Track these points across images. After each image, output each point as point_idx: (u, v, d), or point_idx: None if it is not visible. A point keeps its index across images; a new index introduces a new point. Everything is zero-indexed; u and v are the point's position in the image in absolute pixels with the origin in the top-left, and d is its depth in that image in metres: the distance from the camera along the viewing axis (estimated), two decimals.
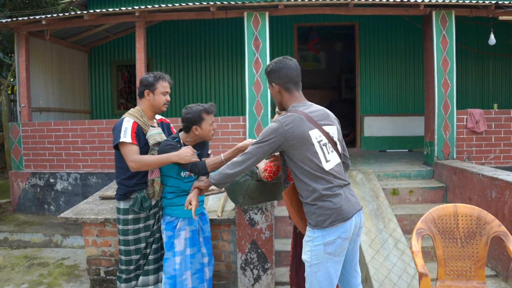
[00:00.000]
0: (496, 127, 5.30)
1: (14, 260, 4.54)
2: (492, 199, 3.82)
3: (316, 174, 2.01)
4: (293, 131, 1.99)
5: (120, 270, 2.67)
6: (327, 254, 2.01)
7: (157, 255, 2.70)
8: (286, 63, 2.12)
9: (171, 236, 2.58)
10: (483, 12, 5.07)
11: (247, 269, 3.21)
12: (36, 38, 6.10)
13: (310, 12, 5.20)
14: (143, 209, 2.54)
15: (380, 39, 7.34)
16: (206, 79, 7.58)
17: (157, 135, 2.54)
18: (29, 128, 5.69)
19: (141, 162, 2.41)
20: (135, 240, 2.59)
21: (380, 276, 3.22)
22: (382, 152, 7.22)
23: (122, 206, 2.58)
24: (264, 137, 2.03)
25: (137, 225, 2.57)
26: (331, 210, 1.98)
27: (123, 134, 2.41)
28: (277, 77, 2.13)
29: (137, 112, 2.55)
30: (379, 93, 7.38)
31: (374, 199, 4.27)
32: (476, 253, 2.68)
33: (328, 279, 2.04)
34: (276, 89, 2.16)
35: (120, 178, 2.56)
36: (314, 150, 2.01)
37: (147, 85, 2.53)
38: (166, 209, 2.64)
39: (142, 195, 2.53)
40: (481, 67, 7.53)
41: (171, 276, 2.57)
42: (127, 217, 2.56)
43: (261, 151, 2.05)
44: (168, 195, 2.62)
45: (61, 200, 5.70)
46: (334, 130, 2.15)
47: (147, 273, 2.66)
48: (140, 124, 2.50)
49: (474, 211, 2.75)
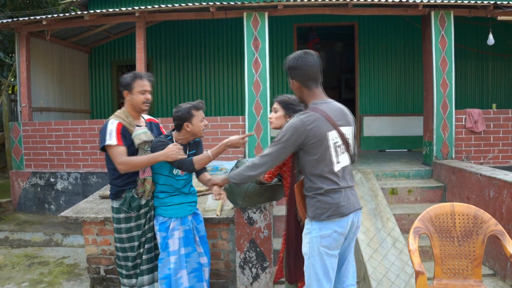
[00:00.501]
0: (494, 127, 5.31)
1: (14, 259, 4.56)
2: (490, 198, 3.84)
3: (324, 175, 2.05)
4: (315, 131, 2.00)
5: (119, 266, 2.69)
6: (323, 247, 2.06)
7: (150, 255, 2.70)
8: (306, 60, 2.06)
9: (165, 236, 2.59)
10: (481, 12, 5.09)
11: (246, 267, 3.22)
12: (36, 38, 6.13)
13: (310, 12, 5.22)
14: (131, 208, 2.56)
15: (380, 39, 7.36)
16: (206, 79, 7.61)
17: (142, 135, 2.54)
18: (29, 128, 5.72)
19: (130, 164, 2.43)
20: (129, 238, 2.61)
21: (378, 275, 3.24)
22: (382, 152, 7.24)
23: (115, 205, 2.61)
24: (286, 135, 2.01)
25: (129, 224, 2.59)
26: (329, 204, 2.04)
27: (108, 137, 2.43)
28: (298, 73, 2.09)
29: (122, 113, 2.57)
30: (378, 93, 7.40)
31: (373, 199, 4.29)
32: (473, 252, 2.69)
33: (325, 272, 2.08)
34: (296, 85, 2.13)
35: (111, 179, 2.59)
36: (329, 151, 2.04)
37: (125, 86, 2.55)
38: (158, 210, 2.64)
39: (130, 195, 2.55)
40: (480, 67, 7.55)
41: (166, 275, 2.58)
42: (119, 216, 2.59)
43: (284, 150, 2.05)
44: (160, 194, 2.63)
45: (62, 199, 5.73)
46: (350, 131, 2.17)
47: (141, 273, 2.67)
48: (125, 124, 2.51)
49: (471, 210, 2.76)
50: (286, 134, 2.02)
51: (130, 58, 7.58)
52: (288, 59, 2.14)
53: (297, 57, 2.09)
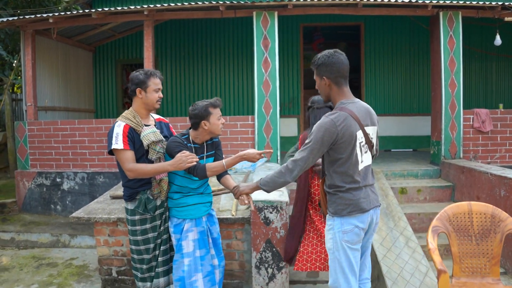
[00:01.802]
0: (502, 126, 5.35)
1: (22, 260, 4.52)
2: (501, 197, 3.86)
3: (349, 173, 2.09)
4: (345, 131, 2.02)
5: (134, 268, 2.64)
6: (345, 242, 2.10)
7: (166, 257, 2.66)
8: (338, 57, 2.10)
9: (179, 238, 2.55)
10: (489, 13, 5.12)
11: (262, 268, 3.21)
12: (41, 36, 6.07)
13: (319, 12, 5.22)
14: (147, 210, 2.51)
15: (385, 39, 7.38)
16: (212, 78, 7.58)
17: (151, 135, 2.46)
18: (35, 127, 5.66)
19: (138, 171, 2.39)
20: (144, 241, 2.56)
21: (393, 274, 3.24)
22: (387, 151, 7.27)
23: (129, 207, 2.55)
24: (318, 136, 2.02)
25: (144, 226, 2.54)
26: (350, 201, 2.09)
27: (114, 140, 2.38)
28: (329, 71, 2.10)
29: (129, 113, 2.50)
30: (384, 93, 7.42)
31: (384, 198, 4.30)
32: (491, 250, 2.70)
33: (350, 266, 2.12)
34: (327, 83, 2.13)
35: (124, 181, 2.54)
36: (355, 151, 2.07)
37: (138, 83, 2.47)
38: (172, 211, 2.60)
39: (145, 197, 2.50)
40: (484, 67, 7.60)
41: (180, 277, 2.54)
42: (134, 218, 2.54)
43: (317, 152, 2.05)
44: (175, 195, 2.58)
45: (68, 199, 5.68)
46: (374, 131, 2.22)
47: (157, 275, 2.63)
48: (132, 126, 2.44)
49: (488, 209, 2.78)
50: (318, 135, 2.03)
51: (135, 57, 7.54)
52: (319, 57, 2.14)
53: (328, 54, 2.11)
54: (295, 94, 7.43)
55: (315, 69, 2.17)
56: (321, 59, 2.12)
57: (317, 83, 2.21)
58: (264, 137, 5.13)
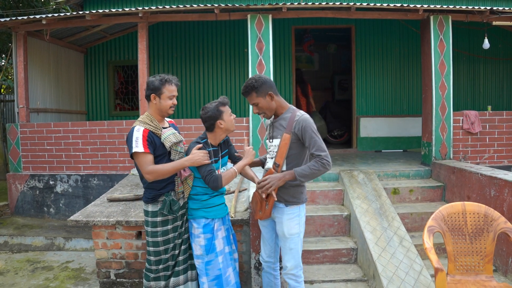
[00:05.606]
0: (490, 128, 5.50)
1: (16, 264, 4.46)
2: (491, 197, 3.97)
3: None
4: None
5: (148, 270, 2.66)
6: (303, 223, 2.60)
7: (186, 255, 2.71)
8: (264, 76, 2.56)
9: (211, 238, 2.58)
10: (478, 17, 5.26)
11: (261, 269, 3.25)
12: (32, 37, 6.00)
13: (312, 15, 5.29)
14: (172, 212, 2.55)
15: (376, 42, 7.49)
16: (205, 80, 7.57)
17: (171, 136, 2.54)
18: (27, 130, 5.59)
19: (157, 172, 2.42)
20: (165, 241, 2.59)
21: (388, 273, 3.32)
22: (378, 152, 7.38)
23: (150, 209, 2.57)
24: (315, 127, 2.49)
25: (166, 227, 2.57)
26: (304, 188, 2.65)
27: (134, 144, 2.40)
28: (269, 86, 2.51)
29: (146, 117, 2.54)
30: (374, 94, 7.53)
31: (377, 198, 4.38)
32: (484, 249, 2.80)
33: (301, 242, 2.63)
34: (273, 97, 2.52)
35: (147, 183, 2.54)
36: None
37: (153, 89, 2.51)
38: (200, 212, 2.61)
39: (170, 198, 2.54)
40: (472, 70, 7.79)
41: (216, 276, 2.57)
42: (156, 219, 2.56)
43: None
44: (203, 196, 2.62)
45: (61, 202, 5.62)
46: None
47: (177, 273, 2.67)
48: (152, 129, 2.48)
49: (481, 209, 2.87)
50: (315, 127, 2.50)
51: (127, 59, 7.50)
52: (254, 81, 2.50)
53: (257, 77, 2.52)
54: (287, 96, 7.49)
55: (257, 92, 2.49)
56: (259, 81, 2.49)
57: (261, 103, 2.53)
58: (259, 138, 5.18)
